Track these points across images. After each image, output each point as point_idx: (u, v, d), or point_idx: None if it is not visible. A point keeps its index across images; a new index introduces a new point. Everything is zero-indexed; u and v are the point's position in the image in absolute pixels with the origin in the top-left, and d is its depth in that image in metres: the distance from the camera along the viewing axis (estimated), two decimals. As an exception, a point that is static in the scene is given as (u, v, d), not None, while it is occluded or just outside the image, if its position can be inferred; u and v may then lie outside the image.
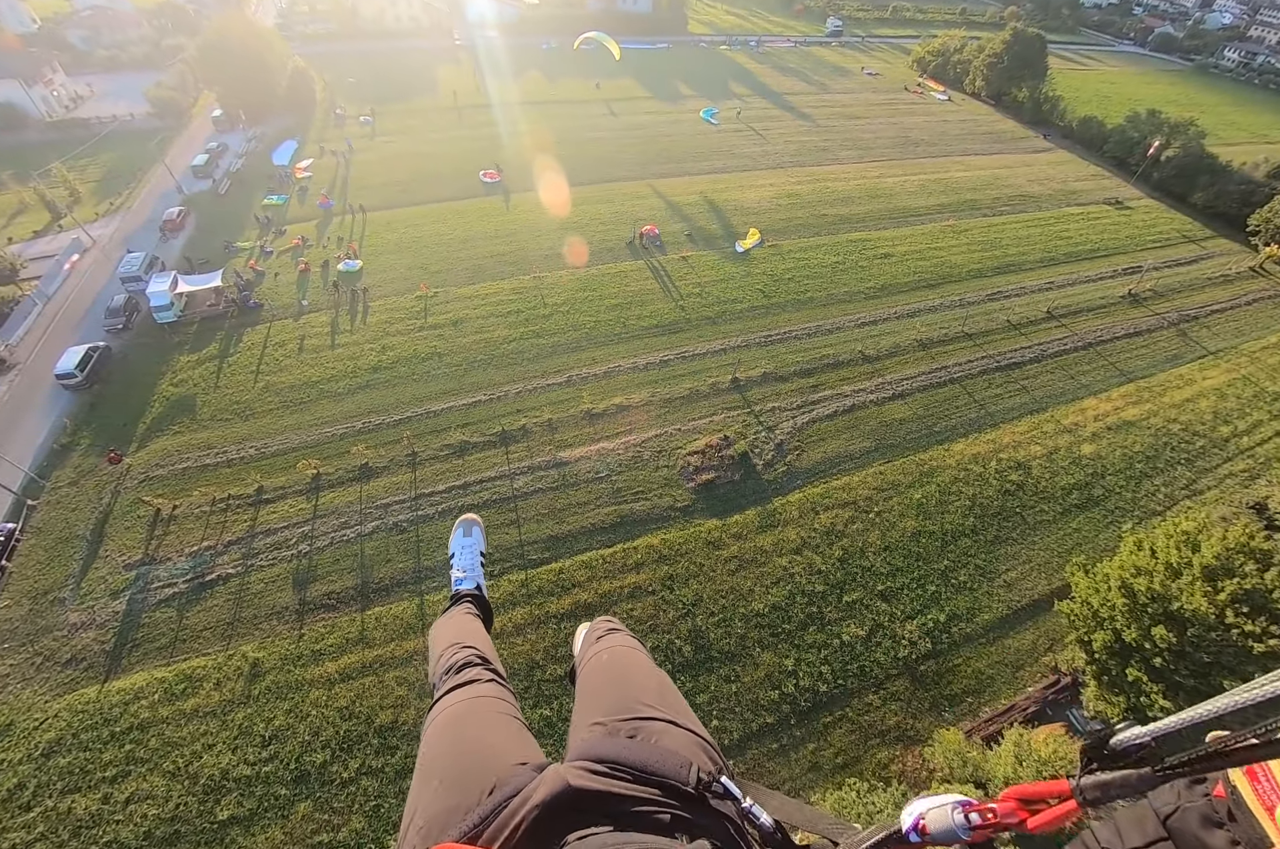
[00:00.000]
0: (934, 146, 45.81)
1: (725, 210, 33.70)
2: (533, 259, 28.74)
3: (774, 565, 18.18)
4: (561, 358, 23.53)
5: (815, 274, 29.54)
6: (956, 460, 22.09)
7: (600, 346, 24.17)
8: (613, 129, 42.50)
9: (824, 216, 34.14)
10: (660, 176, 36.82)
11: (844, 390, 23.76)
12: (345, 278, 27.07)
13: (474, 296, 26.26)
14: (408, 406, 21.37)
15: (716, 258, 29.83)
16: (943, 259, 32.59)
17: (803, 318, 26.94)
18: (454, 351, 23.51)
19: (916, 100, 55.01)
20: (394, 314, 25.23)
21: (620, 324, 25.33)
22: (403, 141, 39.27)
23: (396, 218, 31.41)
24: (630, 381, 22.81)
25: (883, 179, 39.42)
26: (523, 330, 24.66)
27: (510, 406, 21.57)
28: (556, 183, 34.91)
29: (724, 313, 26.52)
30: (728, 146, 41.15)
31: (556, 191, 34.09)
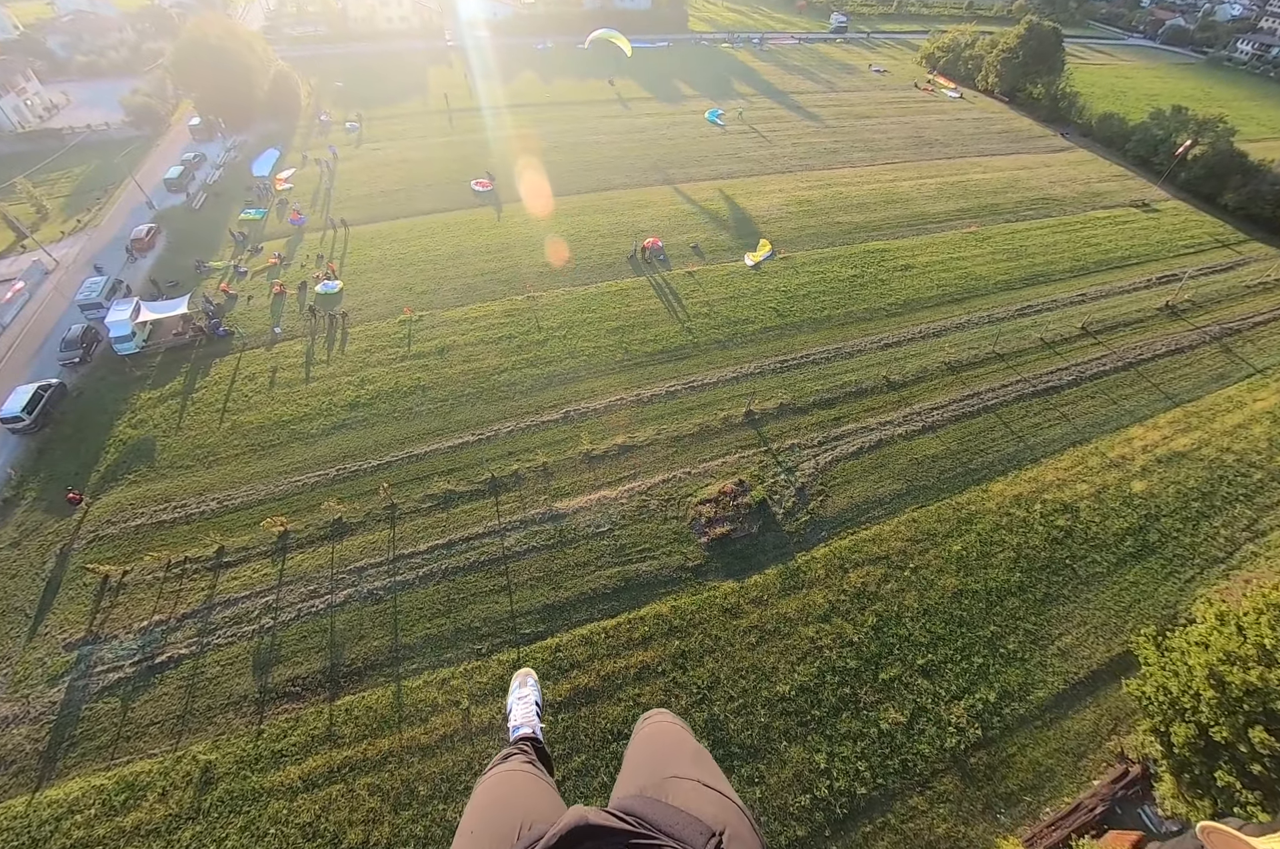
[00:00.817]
0: (949, 147, 42.92)
1: (733, 219, 31.08)
2: (526, 277, 26.25)
3: (800, 637, 15.78)
4: (558, 390, 21.08)
5: (832, 289, 26.95)
6: (996, 503, 19.60)
7: (600, 376, 21.71)
8: (612, 133, 39.77)
9: (838, 225, 31.49)
10: (663, 183, 34.16)
11: (869, 423, 21.26)
12: (323, 301, 24.64)
13: (462, 320, 23.81)
14: (387, 450, 19.00)
15: (725, 273, 27.27)
16: (967, 270, 29.92)
17: (821, 339, 24.40)
18: (439, 384, 21.09)
19: (927, 98, 51.96)
20: (375, 341, 22.80)
21: (622, 350, 22.85)
22: (390, 148, 36.67)
23: (381, 232, 28.92)
24: (634, 417, 20.37)
25: (897, 183, 36.65)
26: (515, 358, 22.21)
27: (501, 448, 19.18)
28: (552, 192, 32.35)
29: (735, 335, 23.99)
30: (733, 150, 38.38)
31: (552, 201, 31.54)
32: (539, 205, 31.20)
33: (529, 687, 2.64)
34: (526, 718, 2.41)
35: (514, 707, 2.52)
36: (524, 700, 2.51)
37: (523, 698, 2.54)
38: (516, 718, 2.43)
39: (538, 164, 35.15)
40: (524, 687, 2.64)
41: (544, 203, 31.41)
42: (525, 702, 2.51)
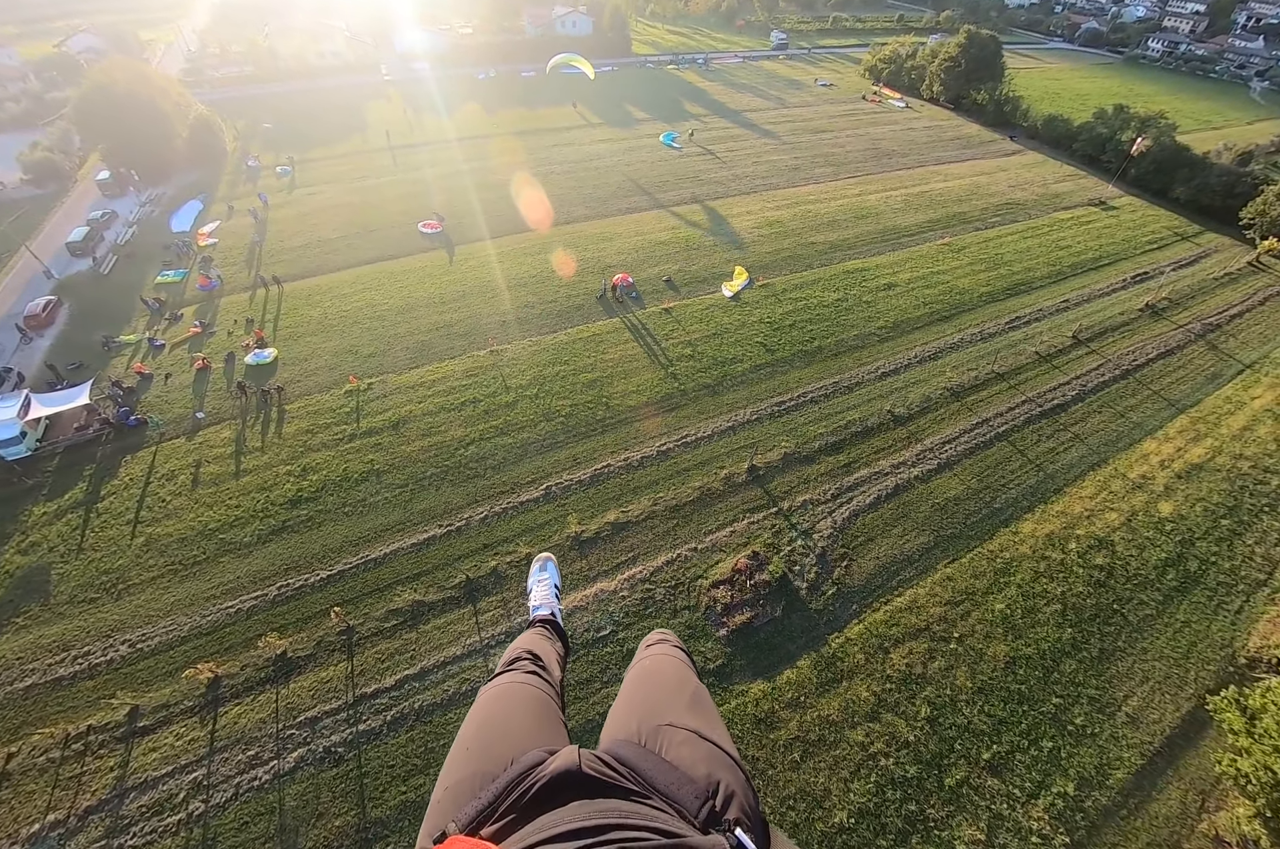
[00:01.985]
0: (906, 157, 42.76)
1: (704, 247, 29.47)
2: (487, 328, 23.84)
3: (848, 744, 13.47)
4: (534, 461, 18.59)
5: (818, 316, 25.40)
6: (1030, 547, 17.89)
7: (581, 440, 19.33)
8: (566, 162, 38.05)
9: (813, 245, 30.23)
10: (625, 212, 32.44)
11: (882, 466, 19.42)
12: (255, 374, 21.65)
13: (418, 385, 21.16)
14: (338, 556, 16.09)
15: (704, 307, 25.44)
16: (949, 284, 28.93)
17: (815, 374, 22.63)
18: (396, 466, 18.35)
19: (876, 109, 52.32)
20: (317, 419, 19.92)
21: (603, 406, 20.55)
22: (327, 192, 33.98)
23: (320, 287, 26.14)
24: (624, 486, 18.01)
25: (864, 197, 35.89)
26: (483, 427, 19.64)
27: (474, 541, 16.50)
28: (508, 229, 30.22)
29: (724, 377, 22.00)
30: (694, 172, 37.10)
31: (509, 239, 29.39)
32: (494, 246, 29.02)
33: (549, 570, 2.65)
34: (545, 599, 2.43)
35: (534, 588, 2.53)
36: (543, 583, 2.53)
37: (542, 580, 2.56)
38: (536, 598, 2.45)
39: (490, 200, 33.04)
40: (544, 570, 2.64)
41: (500, 242, 29.25)
42: (544, 584, 2.52)
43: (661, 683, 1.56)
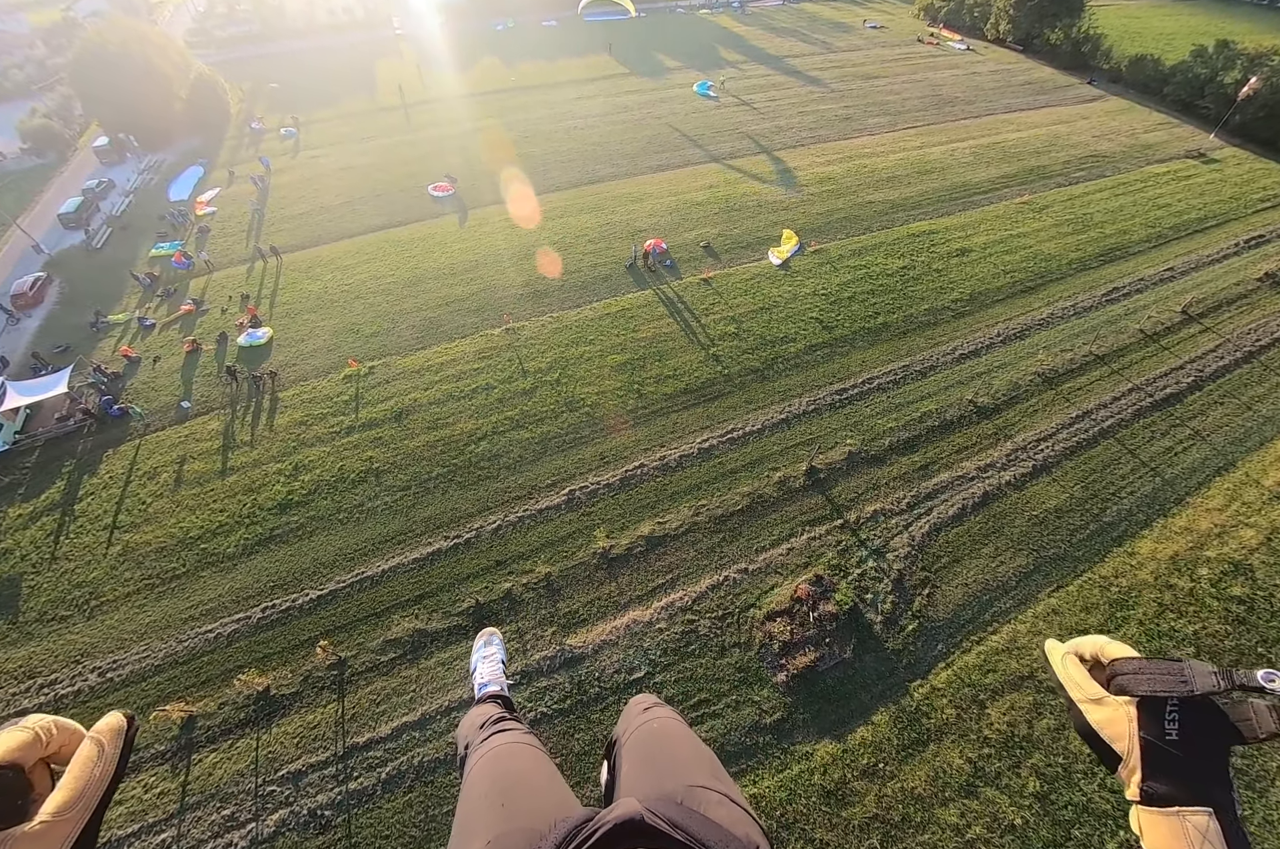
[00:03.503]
0: (972, 105, 35.46)
1: (746, 208, 24.38)
2: (503, 302, 19.91)
3: (940, 827, 10.14)
4: (555, 460, 15.08)
5: (882, 287, 20.56)
6: (1151, 572, 13.75)
7: (610, 435, 15.64)
8: (590, 116, 32.45)
9: (870, 205, 24.80)
10: (658, 170, 27.26)
11: (966, 469, 15.27)
12: (247, 356, 18.43)
13: (425, 369, 17.64)
14: (330, 572, 13.17)
15: (748, 276, 20.84)
16: (1032, 249, 23.36)
17: (881, 356, 18.16)
18: (398, 465, 15.11)
19: (934, 52, 43.90)
20: (312, 408, 16.70)
21: (634, 393, 16.72)
22: (334, 154, 29.63)
23: (321, 258, 22.43)
24: (660, 491, 14.43)
25: (926, 149, 29.62)
26: (496, 418, 16.12)
27: (485, 557, 13.33)
28: (527, 191, 25.65)
29: (775, 360, 17.76)
30: (732, 124, 31.17)
31: (528, 202, 24.90)
32: (513, 209, 24.59)
33: (494, 645, 2.37)
34: (494, 675, 2.20)
35: (479, 665, 2.26)
36: (489, 659, 2.28)
37: (488, 656, 2.30)
38: (484, 675, 2.20)
39: (508, 159, 28.22)
40: (489, 645, 2.37)
41: (519, 205, 24.78)
42: (491, 660, 2.28)
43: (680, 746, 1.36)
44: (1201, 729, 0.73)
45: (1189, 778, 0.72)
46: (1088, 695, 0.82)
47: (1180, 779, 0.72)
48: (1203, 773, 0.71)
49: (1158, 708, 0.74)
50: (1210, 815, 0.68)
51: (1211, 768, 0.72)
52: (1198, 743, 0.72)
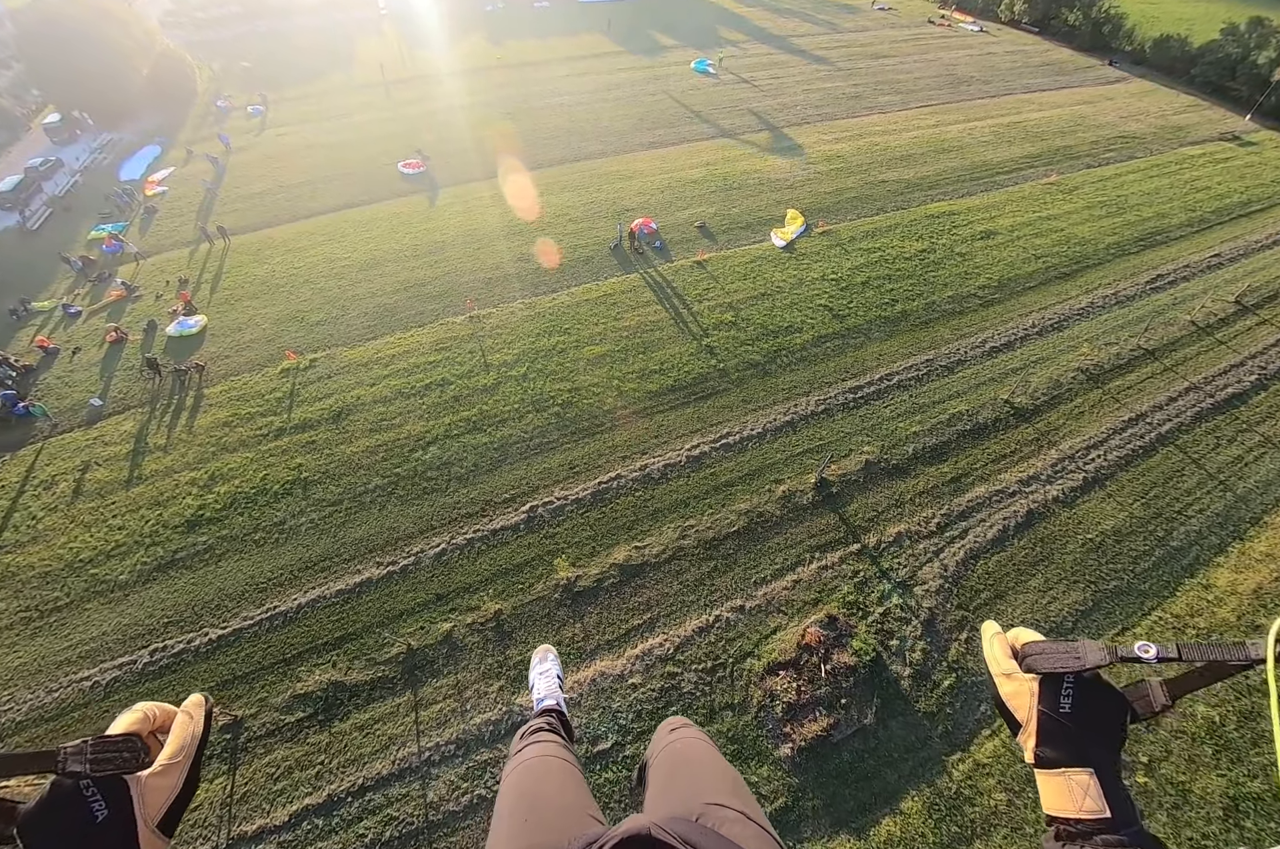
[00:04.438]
0: (988, 84, 32.64)
1: (746, 186, 21.72)
2: (468, 287, 17.35)
3: (1000, 963, 7.77)
4: (515, 470, 12.54)
5: (899, 272, 17.93)
6: (1233, 610, 11.13)
7: (583, 440, 13.11)
8: (580, 92, 29.79)
9: (883, 184, 22.13)
10: (649, 147, 24.59)
11: (1005, 482, 12.69)
12: (177, 347, 15.97)
13: (373, 361, 15.12)
14: (236, 605, 10.68)
15: (748, 259, 18.24)
16: (1064, 232, 20.66)
17: (901, 348, 15.54)
18: (331, 475, 12.60)
19: (946, 33, 40.97)
20: (240, 407, 14.21)
21: (613, 391, 14.17)
22: (301, 132, 27.08)
23: (273, 240, 19.93)
24: (639, 509, 11.90)
25: (943, 127, 26.90)
26: (450, 419, 13.61)
27: (423, 589, 10.85)
28: (505, 167, 23.05)
29: (778, 352, 15.16)
30: (732, 102, 28.47)
31: (505, 180, 22.32)
32: (488, 188, 22.01)
33: (550, 662, 2.37)
34: (550, 690, 2.20)
35: (536, 682, 2.28)
36: (546, 675, 2.28)
37: (544, 672, 2.30)
38: (540, 691, 2.22)
39: (488, 135, 25.63)
40: (544, 662, 2.37)
41: (495, 183, 22.19)
42: (548, 676, 2.28)
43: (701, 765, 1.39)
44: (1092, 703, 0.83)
45: (1075, 744, 0.81)
46: (1002, 670, 0.91)
47: (1067, 745, 0.81)
48: (1088, 740, 0.81)
49: (1056, 685, 0.84)
50: (1091, 774, 0.78)
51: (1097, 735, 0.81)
52: (1087, 714, 0.82)
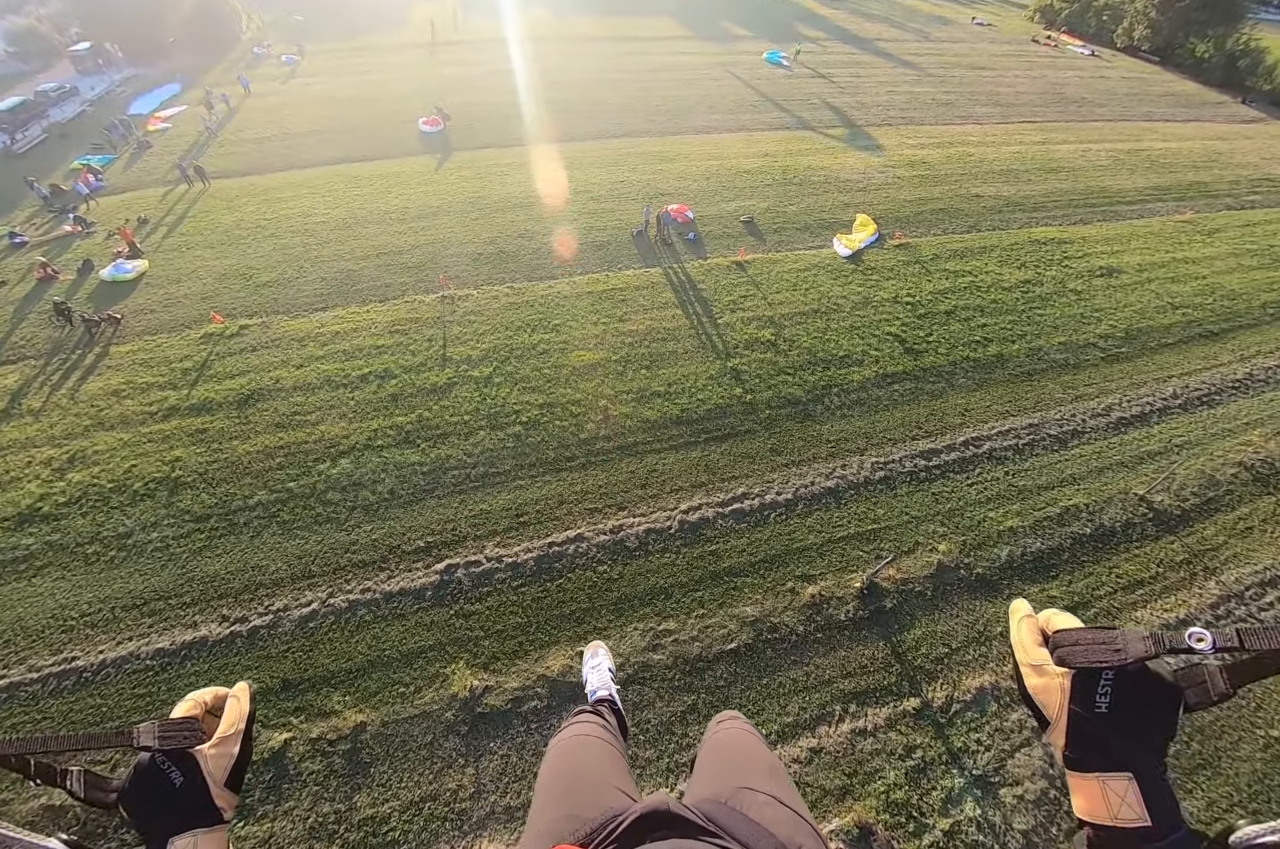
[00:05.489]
0: (1103, 108, 28.39)
1: (809, 183, 18.16)
2: (450, 261, 14.11)
3: None
4: (442, 508, 8.95)
5: (995, 304, 14.01)
6: None
7: (540, 476, 9.47)
8: (636, 70, 26.89)
9: (978, 199, 18.28)
10: (701, 131, 21.29)
11: (1142, 622, 8.66)
12: (106, 294, 13.32)
13: (311, 337, 12.02)
14: (28, 645, 7.24)
15: (801, 266, 14.59)
16: (1207, 280, 16.33)
17: (994, 403, 11.55)
18: (209, 478, 9.38)
19: (1053, 53, 36.78)
20: (139, 375, 11.21)
21: (599, 414, 10.56)
22: (328, 83, 24.86)
23: (255, 187, 17.35)
24: (598, 593, 8.08)
25: (1050, 146, 22.87)
26: (379, 424, 10.29)
27: (268, 668, 7.22)
28: (532, 136, 20.07)
29: (826, 389, 11.33)
30: (804, 95, 25.05)
31: (535, 149, 19.35)
32: (507, 154, 19.05)
33: (601, 656, 2.41)
34: (602, 683, 2.22)
35: (589, 676, 2.33)
36: (598, 669, 2.32)
37: (596, 667, 2.34)
38: (593, 684, 2.25)
39: (516, 102, 22.81)
40: (595, 657, 2.42)
41: (516, 151, 19.23)
42: (600, 669, 2.31)
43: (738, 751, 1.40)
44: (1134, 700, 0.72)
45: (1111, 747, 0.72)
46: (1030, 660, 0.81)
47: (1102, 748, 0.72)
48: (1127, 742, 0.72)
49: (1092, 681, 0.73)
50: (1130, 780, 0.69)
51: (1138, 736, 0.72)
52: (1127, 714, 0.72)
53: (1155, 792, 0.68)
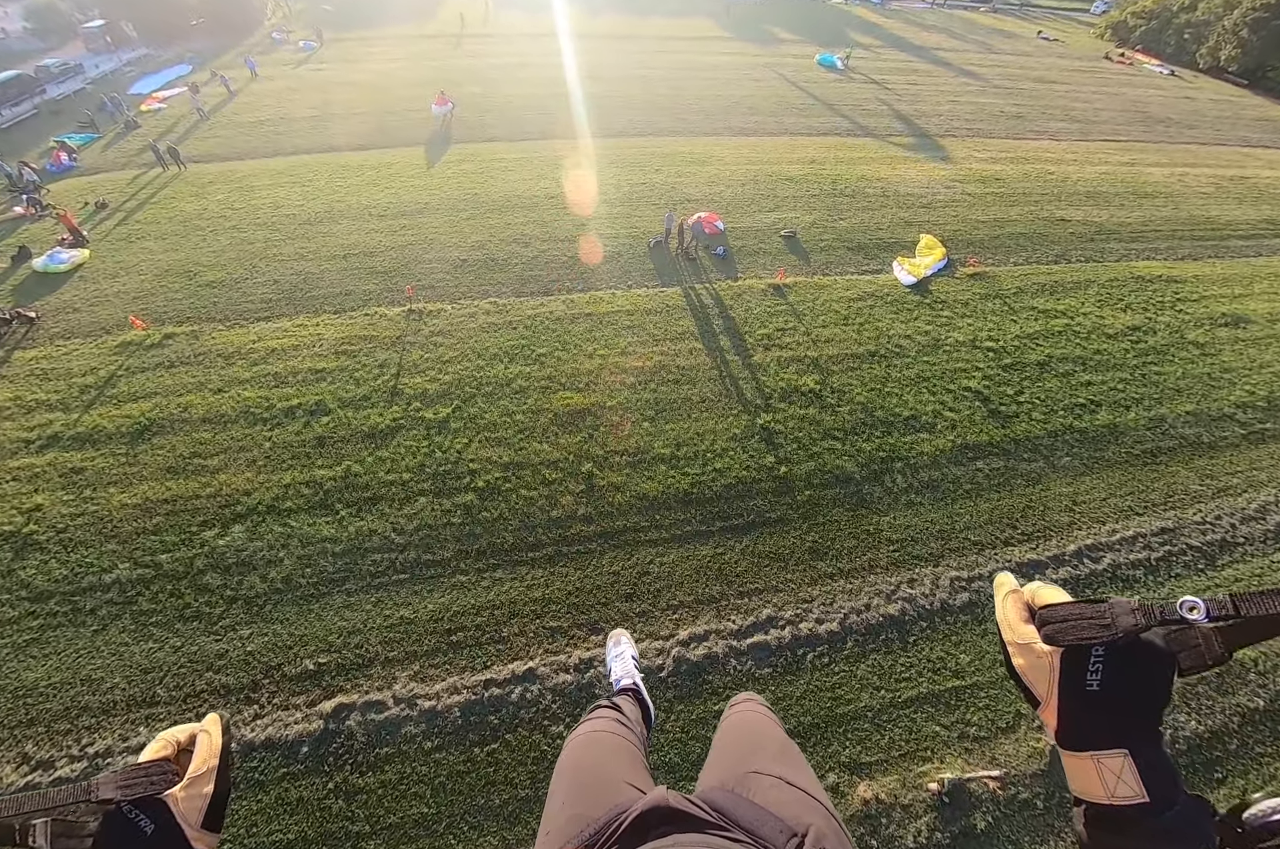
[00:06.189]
0: (1194, 130, 25.32)
1: (864, 195, 15.59)
2: (426, 267, 11.72)
3: None
4: (352, 609, 6.38)
5: (1099, 356, 11.09)
6: None
7: (492, 571, 6.74)
8: (670, 67, 24.77)
9: (1064, 224, 15.47)
10: (740, 133, 18.87)
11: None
12: (32, 286, 11.54)
13: (241, 353, 9.77)
14: None
15: (853, 294, 11.96)
16: (1358, 336, 13.38)
17: (1111, 494, 8.28)
18: (68, 539, 6.97)
19: (1128, 71, 33.80)
20: (31, 390, 9.00)
21: (582, 485, 7.94)
22: (339, 69, 23.31)
23: (233, 173, 15.50)
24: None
25: (1139, 168, 19.97)
26: (294, 477, 7.77)
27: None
28: (547, 130, 17.92)
29: (887, 463, 8.29)
30: (857, 100, 22.60)
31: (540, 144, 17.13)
32: (514, 149, 16.84)
33: (624, 644, 2.40)
34: (626, 671, 2.22)
35: (613, 665, 2.32)
36: (621, 658, 2.31)
37: (619, 655, 2.34)
38: (617, 673, 2.26)
39: (535, 96, 20.65)
40: (619, 645, 2.40)
41: (521, 146, 17.00)
42: (623, 658, 2.31)
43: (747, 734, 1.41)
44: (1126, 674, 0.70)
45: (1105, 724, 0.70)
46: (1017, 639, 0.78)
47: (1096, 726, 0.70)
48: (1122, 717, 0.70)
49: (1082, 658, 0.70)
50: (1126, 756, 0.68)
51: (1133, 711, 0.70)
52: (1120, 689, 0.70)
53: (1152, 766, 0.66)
